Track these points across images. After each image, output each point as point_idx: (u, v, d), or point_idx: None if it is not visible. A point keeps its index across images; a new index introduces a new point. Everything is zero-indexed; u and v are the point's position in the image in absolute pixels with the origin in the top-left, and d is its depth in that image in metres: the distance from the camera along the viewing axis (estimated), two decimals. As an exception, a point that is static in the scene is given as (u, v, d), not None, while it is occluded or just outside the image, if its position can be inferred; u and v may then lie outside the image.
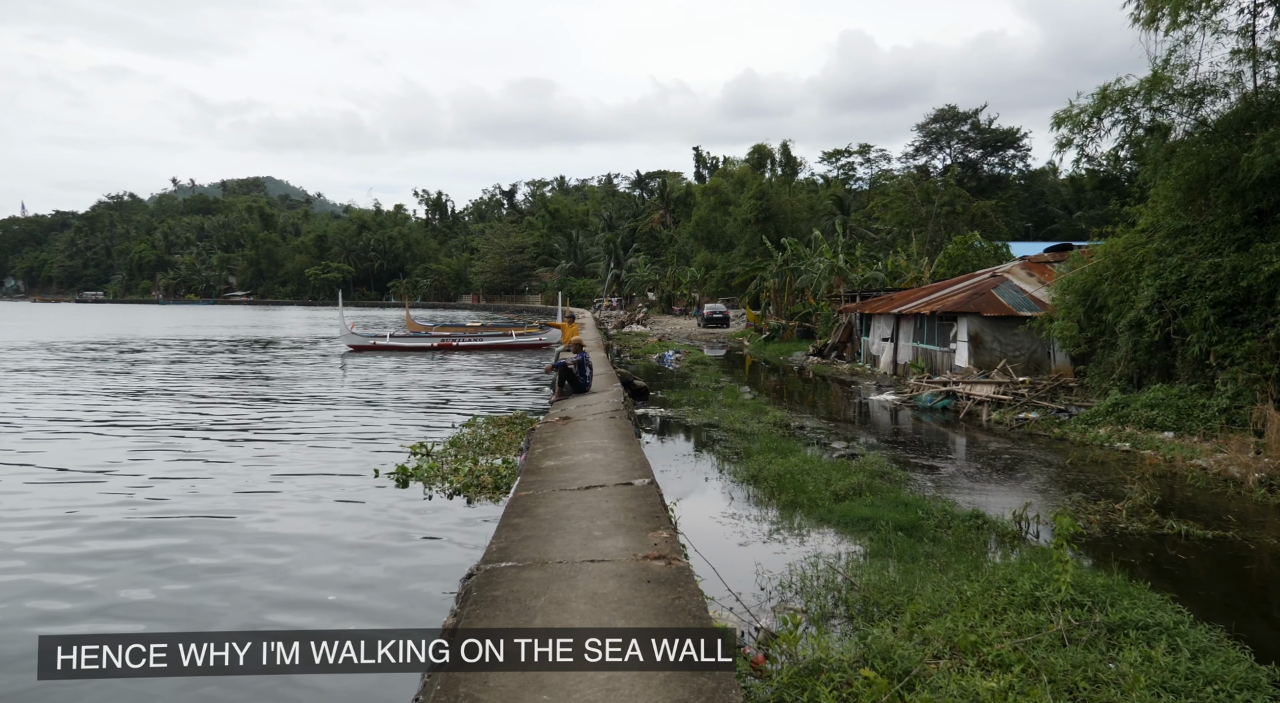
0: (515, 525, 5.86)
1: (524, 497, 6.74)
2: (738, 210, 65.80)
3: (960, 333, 21.97)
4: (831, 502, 10.16)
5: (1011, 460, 13.33)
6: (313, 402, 20.48)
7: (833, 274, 38.52)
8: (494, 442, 14.60)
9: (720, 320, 56.41)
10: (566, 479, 7.36)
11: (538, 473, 7.76)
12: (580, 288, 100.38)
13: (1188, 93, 14.52)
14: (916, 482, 11.65)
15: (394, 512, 10.21)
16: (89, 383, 24.04)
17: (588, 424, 10.76)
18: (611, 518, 5.87)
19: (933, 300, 24.04)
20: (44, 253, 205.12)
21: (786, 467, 11.74)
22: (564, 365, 14.78)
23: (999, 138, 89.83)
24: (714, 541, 8.91)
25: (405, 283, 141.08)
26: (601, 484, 6.96)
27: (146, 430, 16.05)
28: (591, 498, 6.54)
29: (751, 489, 11.16)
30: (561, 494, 6.72)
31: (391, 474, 12.03)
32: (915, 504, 9.78)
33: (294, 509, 10.35)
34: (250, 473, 12.46)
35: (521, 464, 9.30)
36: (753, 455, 13.12)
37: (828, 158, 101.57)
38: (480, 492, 11.03)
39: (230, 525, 9.66)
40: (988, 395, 17.88)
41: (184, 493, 11.23)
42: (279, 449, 14.40)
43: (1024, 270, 24.02)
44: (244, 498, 10.91)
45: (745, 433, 15.45)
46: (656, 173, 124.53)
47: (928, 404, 19.10)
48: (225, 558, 8.52)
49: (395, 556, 8.45)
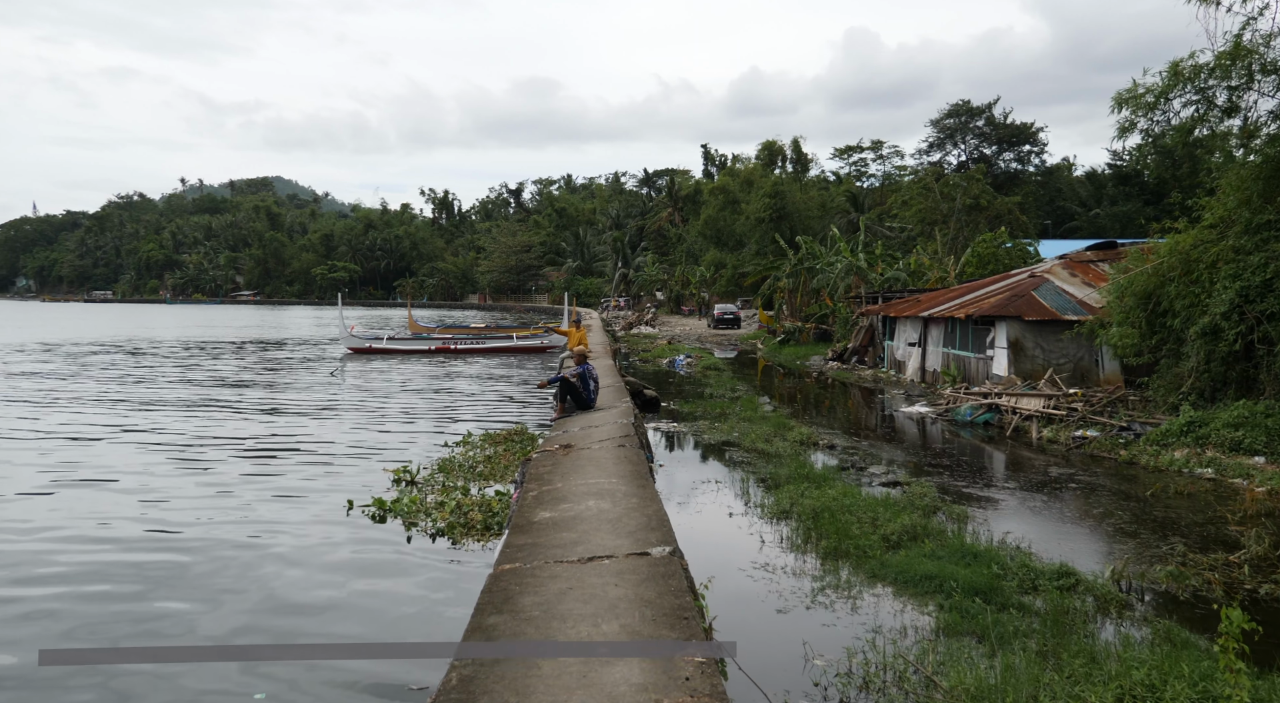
0: (490, 628, 4.25)
1: (508, 573, 5.12)
2: (749, 208, 64.03)
3: (998, 338, 20.25)
4: (883, 549, 8.52)
5: (1080, 491, 11.64)
6: (301, 413, 18.92)
7: (851, 274, 36.80)
8: (489, 464, 13.00)
9: (731, 322, 54.77)
10: (564, 543, 5.74)
11: (529, 530, 6.14)
12: (587, 287, 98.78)
13: (1273, 69, 12.76)
14: (976, 519, 9.98)
15: (362, 560, 8.60)
16: (74, 388, 22.55)
17: (592, 455, 9.14)
18: (622, 620, 4.25)
19: (966, 302, 22.32)
20: (55, 252, 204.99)
21: (823, 501, 10.10)
22: (564, 379, 13.16)
23: (1014, 133, 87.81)
24: (746, 603, 7.28)
25: (412, 282, 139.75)
26: (609, 554, 5.33)
27: (111, 442, 14.49)
28: (595, 578, 4.92)
29: (784, 529, 9.52)
30: (556, 570, 5.10)
31: (367, 509, 10.43)
32: (986, 556, 8.12)
33: (239, 557, 8.75)
34: (211, 502, 10.88)
35: (513, 508, 7.69)
36: (782, 485, 11.48)
37: (840, 154, 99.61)
38: (468, 533, 9.42)
39: (153, 572, 8.07)
40: (1036, 410, 16.17)
41: (125, 519, 9.65)
42: (253, 471, 12.82)
43: (1065, 270, 22.27)
44: (189, 535, 9.32)
45: (770, 454, 13.81)
46: (664, 171, 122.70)
47: (967, 418, 17.40)
48: (103, 618, 6.93)
49: (338, 652, 6.82)
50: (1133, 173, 75.57)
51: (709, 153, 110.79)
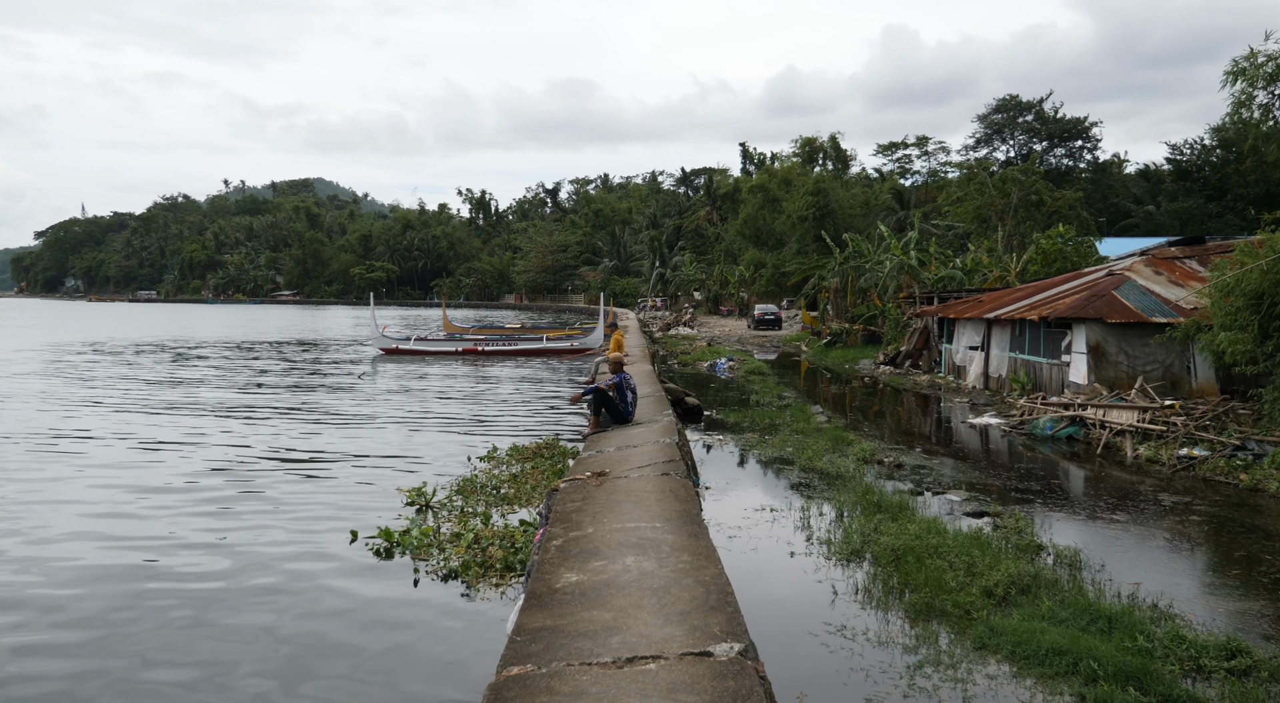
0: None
1: (513, 683, 3.66)
2: (789, 206, 62.12)
3: (1076, 343, 18.38)
4: (987, 607, 6.93)
5: (1206, 526, 9.88)
6: (318, 420, 17.73)
7: (902, 273, 34.88)
8: (514, 485, 11.61)
9: (772, 322, 53.00)
10: (593, 629, 4.25)
11: (549, 604, 4.67)
12: (624, 287, 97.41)
13: None
14: (1091, 563, 8.31)
15: (354, 611, 7.21)
16: (84, 392, 21.68)
17: (630, 486, 7.66)
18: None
19: (1037, 303, 20.44)
20: (102, 253, 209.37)
21: (903, 539, 8.51)
22: (599, 390, 11.70)
23: (1065, 128, 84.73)
24: (824, 686, 5.75)
25: (448, 282, 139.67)
26: (655, 654, 3.84)
27: (124, 448, 13.37)
28: (635, 700, 3.44)
29: (859, 575, 7.95)
30: (581, 682, 3.62)
31: (373, 541, 9.07)
32: (1123, 621, 6.49)
33: (206, 598, 7.42)
34: (198, 521, 9.61)
35: (532, 561, 6.23)
36: (849, 514, 9.91)
37: (883, 150, 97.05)
38: (485, 575, 8.00)
39: (79, 621, 6.76)
40: (1129, 424, 14.33)
41: (88, 540, 8.40)
42: (254, 487, 11.57)
43: (1149, 268, 20.27)
44: (160, 566, 8.03)
45: (830, 475, 12.22)
46: (702, 170, 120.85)
47: (1047, 432, 15.60)
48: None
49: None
50: (1193, 168, 72.08)
51: (747, 151, 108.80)
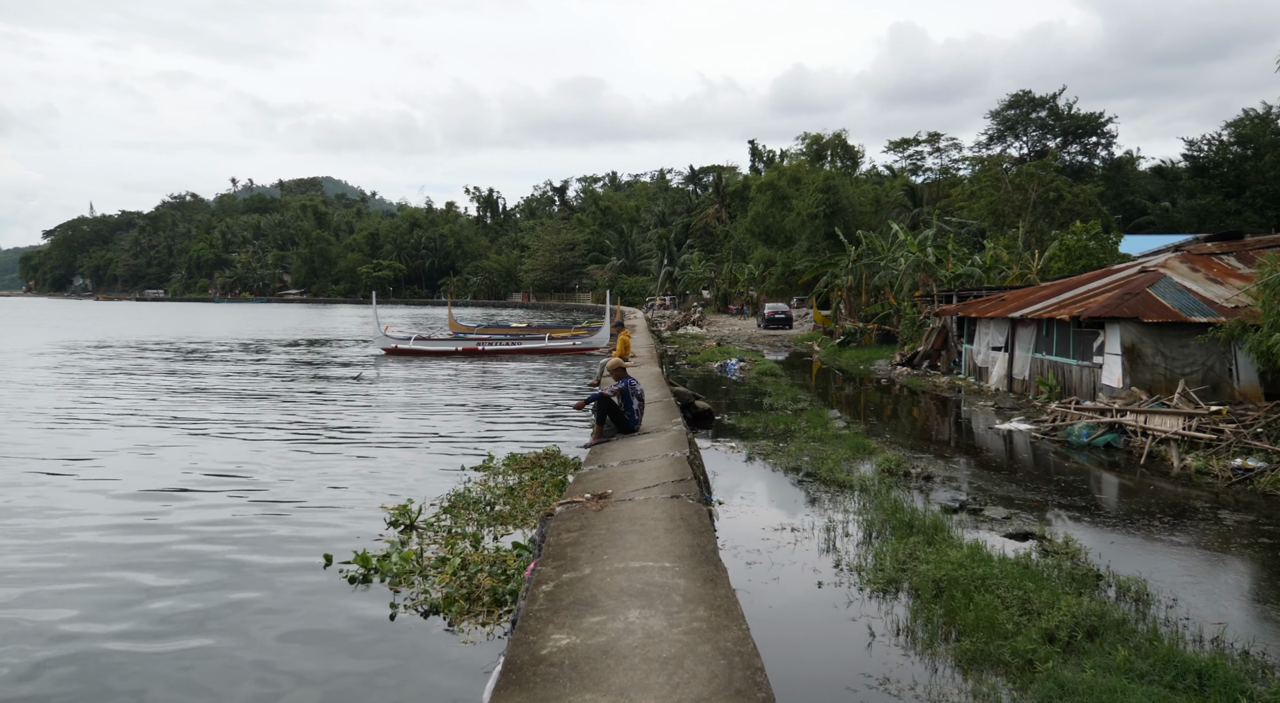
0: None
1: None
2: (799, 204, 61.08)
3: (1110, 343, 17.35)
4: (1050, 653, 5.96)
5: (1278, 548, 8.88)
6: (308, 423, 16.85)
7: (918, 270, 33.83)
8: (510, 499, 10.69)
9: (783, 321, 52.01)
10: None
11: (532, 679, 3.73)
12: (632, 286, 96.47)
13: None
14: (1159, 597, 7.33)
15: (317, 650, 6.30)
16: (74, 394, 20.89)
17: (636, 512, 6.72)
18: None
19: (1067, 302, 19.41)
20: (110, 252, 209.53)
21: (944, 567, 7.55)
22: (602, 396, 10.75)
23: (1080, 124, 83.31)
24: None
25: (456, 281, 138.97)
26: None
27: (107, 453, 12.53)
28: None
29: (897, 611, 7.00)
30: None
31: (348, 567, 8.16)
32: (1216, 676, 5.51)
33: (166, 618, 6.52)
34: (166, 537, 8.71)
35: (519, 604, 5.30)
36: (879, 534, 8.96)
37: (894, 147, 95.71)
38: (470, 610, 7.08)
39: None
40: (1174, 431, 13.32)
41: (65, 568, 7.52)
42: (228, 499, 10.68)
43: (1184, 264, 19.21)
44: (123, 576, 7.14)
45: (854, 488, 11.26)
46: (710, 167, 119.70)
47: (1083, 440, 14.57)
48: None
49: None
50: (1211, 165, 70.63)
51: (756, 148, 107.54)
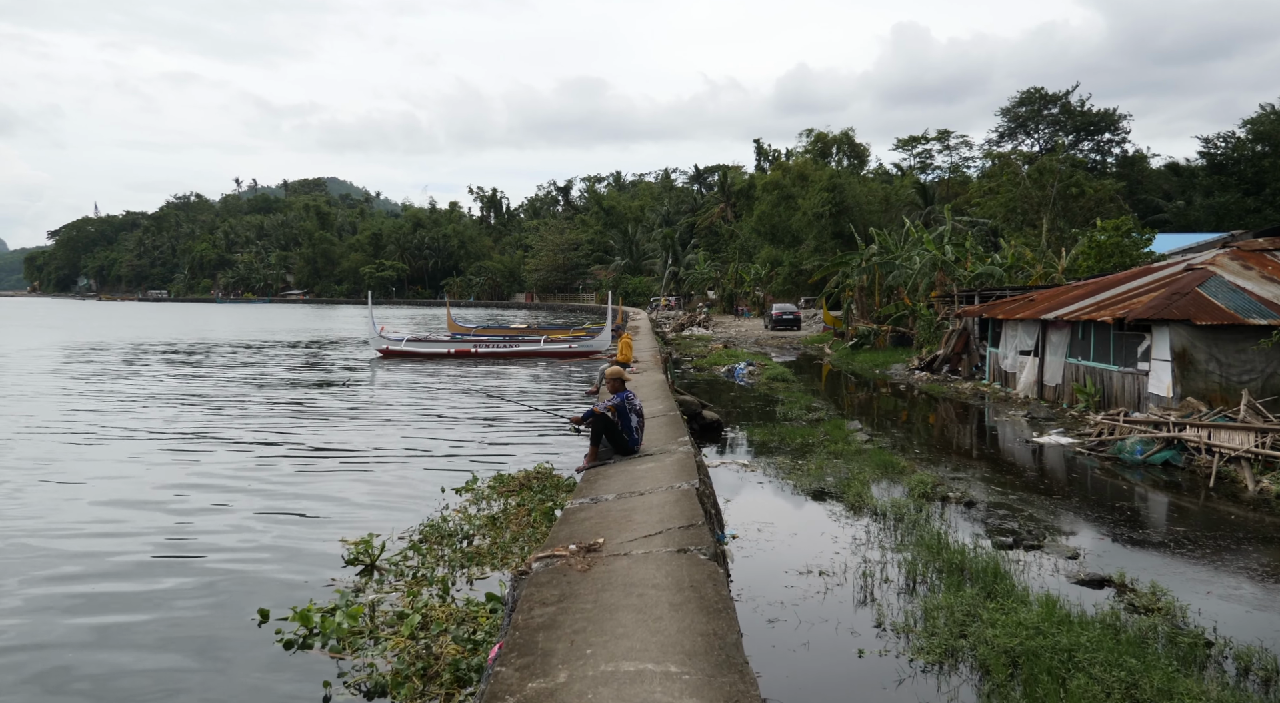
0: None
1: None
2: (805, 203, 59.63)
3: (1158, 348, 15.83)
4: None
5: None
6: (281, 434, 15.42)
7: (935, 270, 32.30)
8: (492, 530, 9.26)
9: (791, 322, 50.53)
10: None
11: None
12: (636, 286, 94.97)
13: None
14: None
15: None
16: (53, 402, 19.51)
17: (632, 575, 5.24)
18: None
19: (1106, 302, 17.89)
20: (114, 252, 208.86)
21: (1017, 634, 6.08)
22: (598, 415, 9.27)
23: (1093, 121, 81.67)
24: None
25: (459, 281, 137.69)
26: None
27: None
28: None
29: (964, 697, 5.51)
30: None
31: (286, 625, 6.72)
32: None
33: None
34: (68, 588, 7.29)
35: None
36: (923, 580, 7.51)
37: (903, 145, 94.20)
38: (425, 689, 5.61)
39: None
40: (1245, 448, 11.81)
41: None
42: (188, 519, 9.25)
43: (1235, 262, 17.67)
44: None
45: (886, 514, 9.79)
46: (715, 167, 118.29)
47: (1137, 457, 13.06)
48: None
49: None
50: (1229, 162, 68.94)
51: (761, 147, 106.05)
